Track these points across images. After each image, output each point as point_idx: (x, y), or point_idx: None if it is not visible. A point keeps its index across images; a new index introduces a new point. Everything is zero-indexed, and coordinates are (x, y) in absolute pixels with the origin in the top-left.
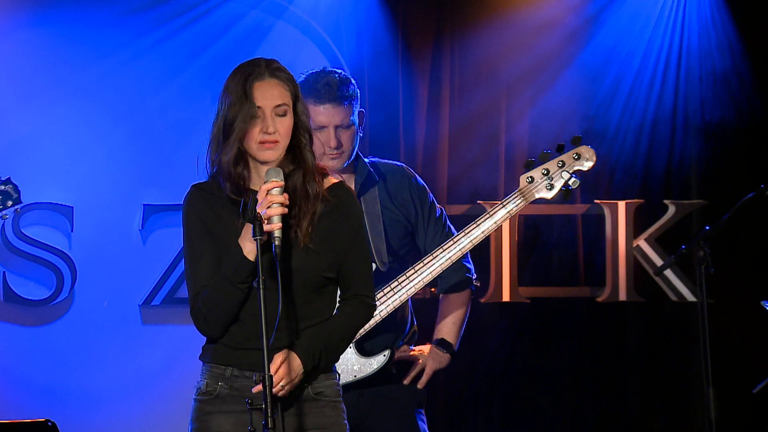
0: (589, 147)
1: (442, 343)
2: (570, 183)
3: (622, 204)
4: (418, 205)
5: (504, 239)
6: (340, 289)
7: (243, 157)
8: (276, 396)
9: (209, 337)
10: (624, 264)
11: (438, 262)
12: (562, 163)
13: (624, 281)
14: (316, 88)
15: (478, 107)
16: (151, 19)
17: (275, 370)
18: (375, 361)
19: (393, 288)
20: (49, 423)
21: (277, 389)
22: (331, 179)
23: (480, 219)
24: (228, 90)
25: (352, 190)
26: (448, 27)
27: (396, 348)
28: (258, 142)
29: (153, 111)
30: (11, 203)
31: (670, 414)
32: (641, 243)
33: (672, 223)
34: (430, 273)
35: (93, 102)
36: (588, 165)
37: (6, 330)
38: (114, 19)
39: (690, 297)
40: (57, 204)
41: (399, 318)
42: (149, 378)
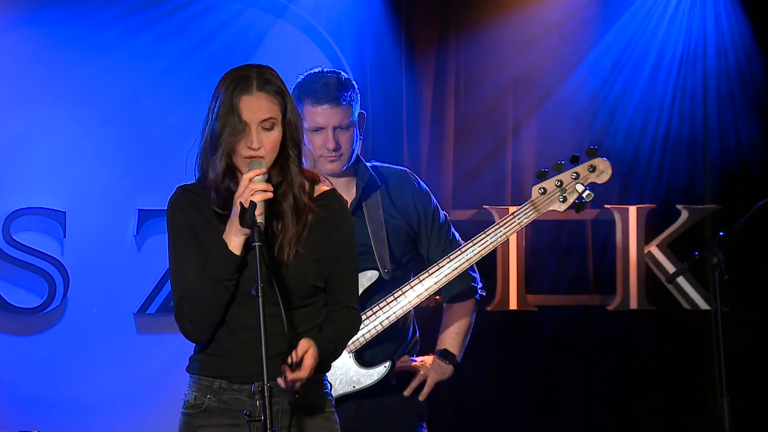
0: (605, 159)
1: (444, 354)
2: (584, 196)
3: (633, 209)
4: (421, 212)
5: (511, 245)
6: (327, 299)
7: (231, 171)
8: (273, 408)
9: (196, 342)
10: (635, 271)
11: (444, 272)
12: (576, 175)
13: (635, 289)
14: (313, 88)
15: (483, 109)
16: (147, 18)
17: (302, 354)
18: (375, 372)
19: (396, 297)
20: None
21: (303, 373)
22: (323, 186)
23: (489, 229)
24: (217, 98)
25: (344, 198)
26: (453, 26)
27: (397, 358)
28: (243, 156)
29: (149, 112)
30: None
31: (683, 426)
32: (653, 249)
33: (685, 229)
34: (435, 284)
35: (86, 103)
36: (604, 178)
37: None
38: (108, 18)
39: (703, 305)
40: (49, 209)
41: (401, 327)
42: (144, 389)
